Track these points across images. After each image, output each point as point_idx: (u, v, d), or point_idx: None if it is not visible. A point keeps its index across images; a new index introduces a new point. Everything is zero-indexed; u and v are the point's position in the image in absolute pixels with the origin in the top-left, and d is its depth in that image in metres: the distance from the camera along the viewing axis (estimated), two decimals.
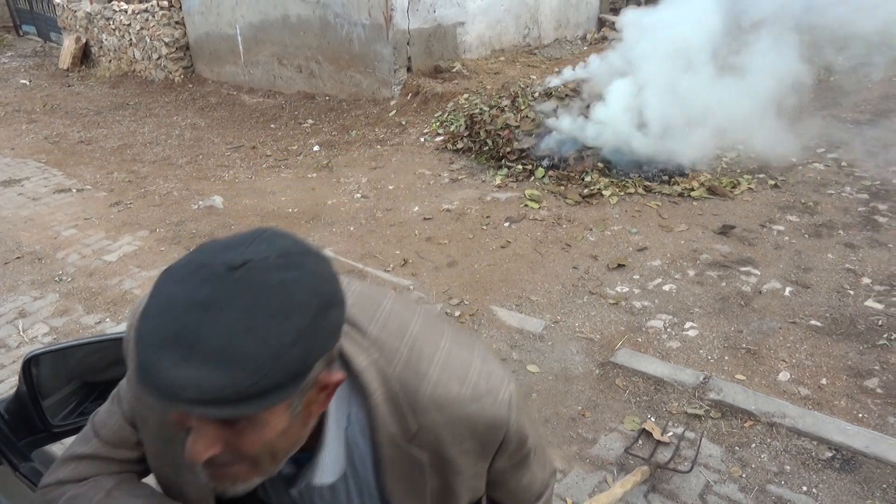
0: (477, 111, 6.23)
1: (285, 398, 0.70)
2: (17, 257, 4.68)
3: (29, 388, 1.21)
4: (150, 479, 1.00)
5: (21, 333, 3.79)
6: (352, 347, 0.85)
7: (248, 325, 0.66)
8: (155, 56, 10.00)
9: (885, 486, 2.40)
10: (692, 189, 4.90)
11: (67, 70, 11.28)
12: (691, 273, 3.87)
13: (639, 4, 8.41)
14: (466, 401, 0.88)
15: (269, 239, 0.74)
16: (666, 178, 5.13)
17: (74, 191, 5.93)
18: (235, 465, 0.77)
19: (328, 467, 0.88)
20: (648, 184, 5.04)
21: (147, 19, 9.80)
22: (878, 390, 2.85)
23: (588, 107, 5.59)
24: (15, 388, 1.26)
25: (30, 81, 10.73)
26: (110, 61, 11.02)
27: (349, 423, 0.89)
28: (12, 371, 3.45)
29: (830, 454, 2.56)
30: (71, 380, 1.32)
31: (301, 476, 0.90)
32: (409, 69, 7.35)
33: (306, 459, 0.88)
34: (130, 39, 10.31)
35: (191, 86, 9.64)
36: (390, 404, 0.86)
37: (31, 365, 1.20)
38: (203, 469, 0.79)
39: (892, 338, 3.16)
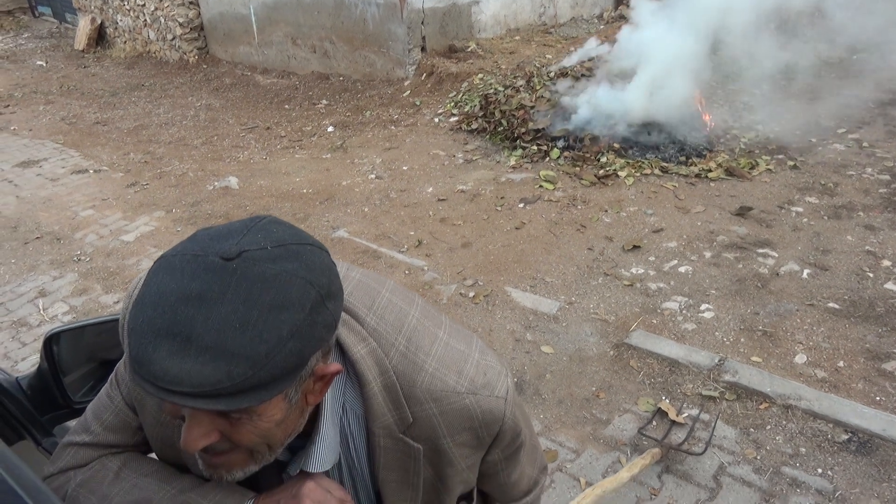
0: (492, 91, 6.18)
1: (281, 391, 0.69)
2: (37, 237, 4.74)
3: (50, 365, 1.23)
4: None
5: (41, 312, 3.85)
6: (349, 336, 0.85)
7: (244, 320, 0.65)
8: (169, 37, 10.00)
9: None
10: (709, 170, 4.84)
11: (83, 51, 11.32)
12: (707, 255, 3.84)
13: None
14: (463, 393, 0.89)
15: (265, 228, 0.73)
16: (683, 158, 5.06)
17: (91, 171, 5.98)
18: (231, 454, 0.77)
19: (323, 455, 0.87)
20: (665, 165, 4.98)
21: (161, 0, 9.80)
22: None
23: (605, 86, 5.53)
24: (37, 366, 1.28)
25: (46, 63, 10.78)
26: (125, 42, 11.04)
27: (344, 411, 0.89)
28: (34, 349, 3.52)
29: (846, 437, 2.55)
30: (90, 357, 1.34)
31: (294, 462, 0.90)
32: (423, 49, 7.30)
33: (300, 446, 0.88)
34: (145, 20, 10.32)
35: (205, 66, 9.64)
36: (387, 394, 0.86)
37: (51, 342, 1.22)
38: (198, 457, 0.79)
39: None
